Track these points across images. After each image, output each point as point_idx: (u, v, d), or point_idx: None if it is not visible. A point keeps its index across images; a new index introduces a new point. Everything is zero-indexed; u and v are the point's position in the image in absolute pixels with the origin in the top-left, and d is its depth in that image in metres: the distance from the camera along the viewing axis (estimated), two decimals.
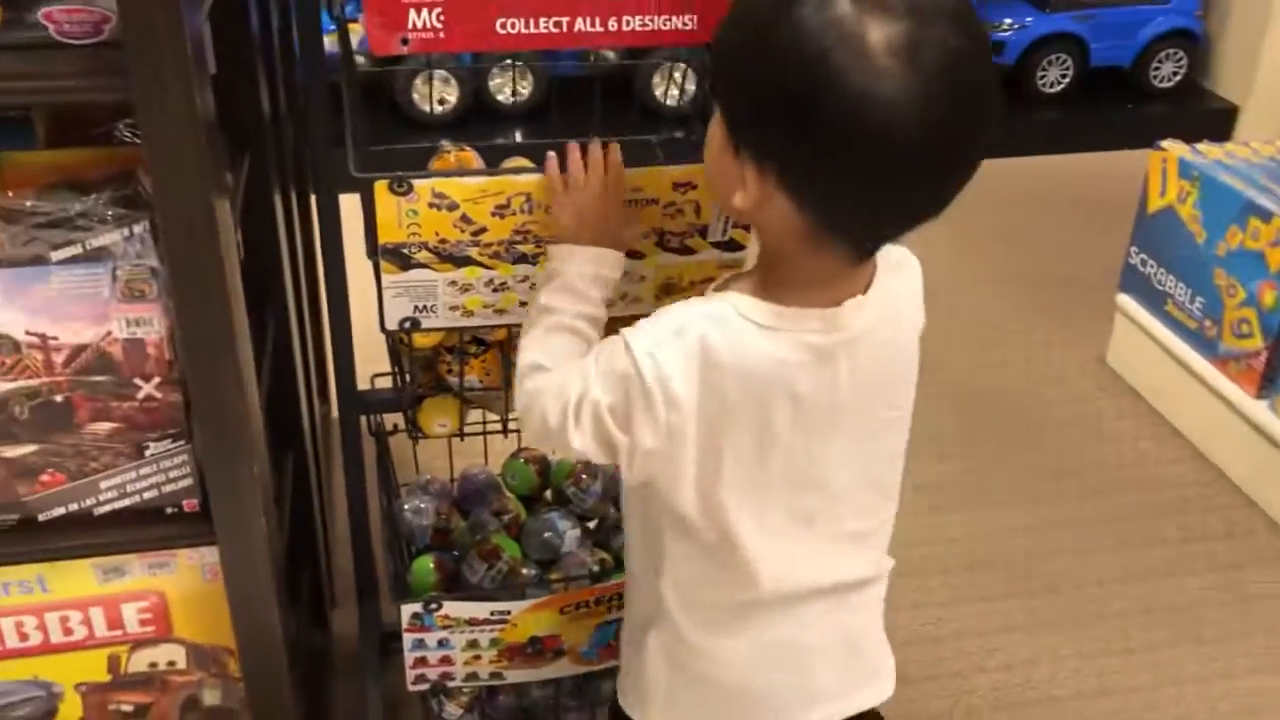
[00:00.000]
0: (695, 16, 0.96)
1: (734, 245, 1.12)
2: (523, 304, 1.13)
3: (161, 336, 0.96)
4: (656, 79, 3.08)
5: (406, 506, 1.46)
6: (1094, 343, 2.46)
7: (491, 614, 1.26)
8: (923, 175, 0.81)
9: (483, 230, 1.05)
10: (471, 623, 1.26)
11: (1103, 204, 2.86)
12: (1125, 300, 2.38)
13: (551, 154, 1.01)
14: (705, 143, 0.89)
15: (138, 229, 0.92)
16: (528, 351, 1.00)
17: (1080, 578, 1.90)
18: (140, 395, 0.98)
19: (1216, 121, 3.40)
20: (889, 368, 0.95)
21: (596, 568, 1.44)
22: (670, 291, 1.15)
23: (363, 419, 1.40)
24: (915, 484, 2.06)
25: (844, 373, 0.90)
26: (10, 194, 0.93)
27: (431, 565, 1.44)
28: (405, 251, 1.05)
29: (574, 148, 1.00)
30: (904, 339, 0.97)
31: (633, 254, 1.10)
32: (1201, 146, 2.24)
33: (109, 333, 0.95)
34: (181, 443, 1.01)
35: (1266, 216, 2.01)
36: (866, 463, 0.97)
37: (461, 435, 1.32)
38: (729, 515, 0.92)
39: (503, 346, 1.22)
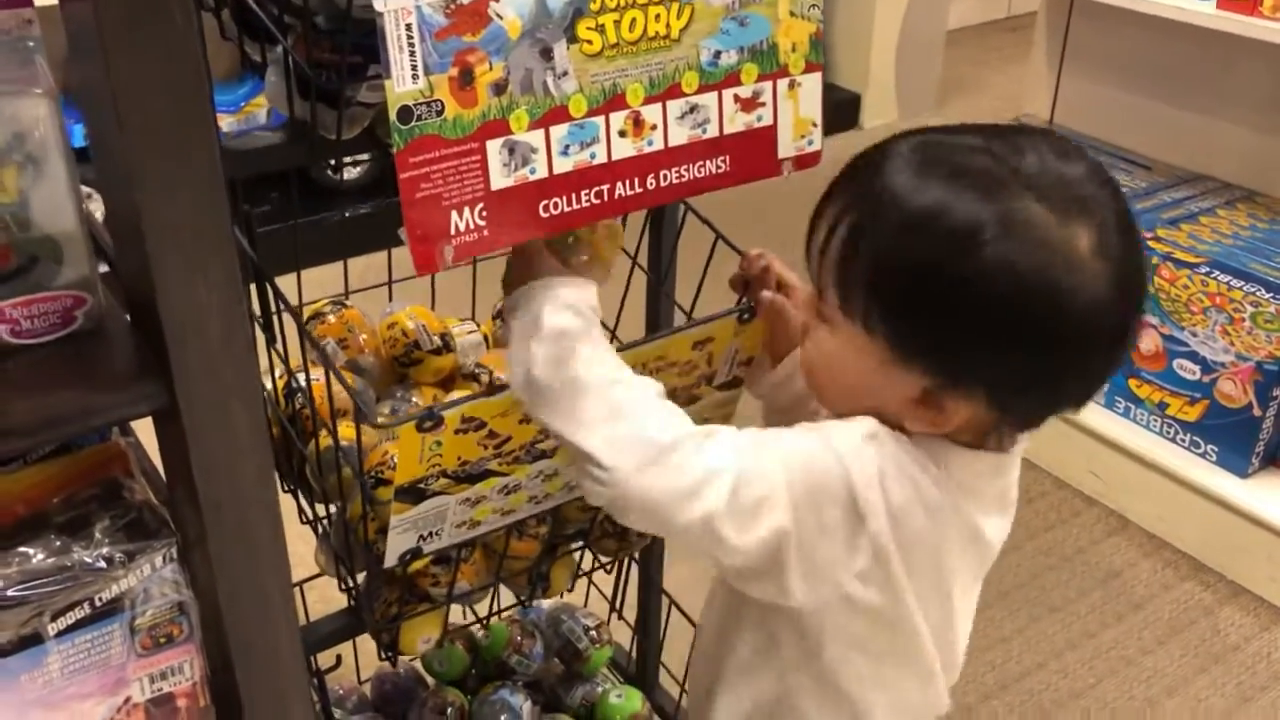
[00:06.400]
0: (727, 157, 0.87)
1: (735, 383, 1.04)
2: (533, 499, 0.99)
3: (195, 682, 0.74)
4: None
5: None
6: None
7: None
8: (1119, 354, 0.81)
9: (507, 440, 0.90)
10: None
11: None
12: None
13: None
14: (823, 350, 0.84)
15: (159, 561, 0.70)
16: (601, 382, 0.81)
17: None
18: None
19: (844, 111, 3.68)
20: None
21: None
22: None
23: None
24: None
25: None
26: None
27: None
28: (421, 486, 0.89)
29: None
30: None
31: None
32: None
33: (127, 699, 0.72)
34: None
35: None
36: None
37: (443, 644, 1.14)
38: None
39: (488, 543, 1.07)
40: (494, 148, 0.77)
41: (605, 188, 0.83)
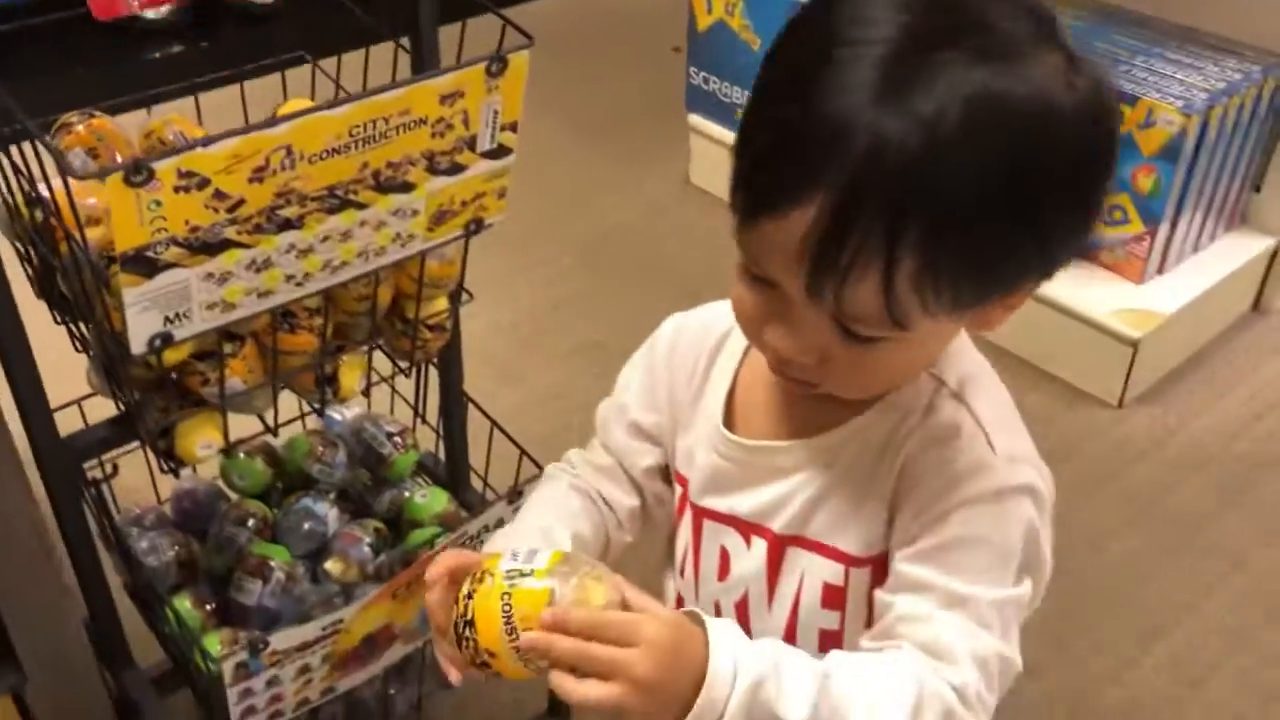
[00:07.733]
0: None
1: (503, 151, 1.01)
2: (290, 278, 0.95)
3: None
4: None
5: (140, 550, 1.23)
6: (676, 165, 2.55)
7: (324, 629, 1.10)
8: None
9: (240, 203, 0.86)
10: (303, 647, 1.10)
11: (613, 42, 2.96)
12: (696, 119, 2.48)
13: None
14: (887, 362, 0.72)
15: None
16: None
17: None
18: None
19: None
20: None
21: (371, 538, 1.31)
22: (443, 220, 1.02)
23: None
24: (577, 342, 2.08)
25: None
26: None
27: (190, 604, 1.24)
28: (150, 255, 0.84)
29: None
30: None
31: (404, 186, 0.95)
32: None
33: None
34: None
35: None
36: None
37: (228, 450, 1.11)
38: None
39: (258, 336, 1.03)
40: None
41: None
